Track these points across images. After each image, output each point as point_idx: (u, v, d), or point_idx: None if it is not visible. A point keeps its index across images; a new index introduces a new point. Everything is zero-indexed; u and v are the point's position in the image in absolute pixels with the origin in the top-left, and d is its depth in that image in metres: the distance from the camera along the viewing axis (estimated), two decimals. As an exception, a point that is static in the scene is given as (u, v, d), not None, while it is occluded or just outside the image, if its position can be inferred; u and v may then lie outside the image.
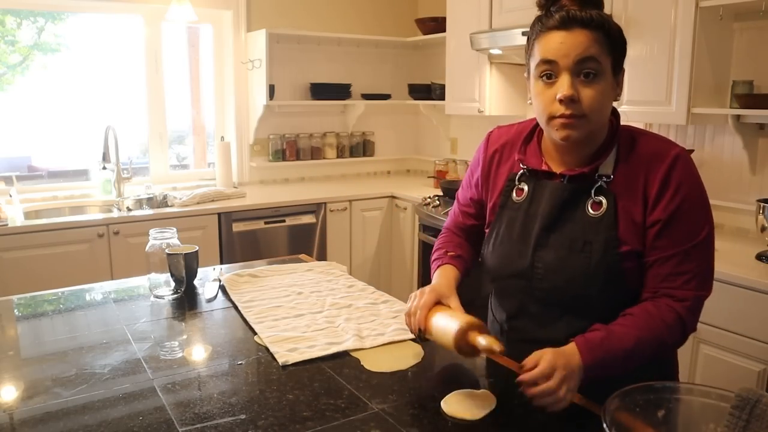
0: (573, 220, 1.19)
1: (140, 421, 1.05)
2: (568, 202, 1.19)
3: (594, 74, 1.11)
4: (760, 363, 1.99)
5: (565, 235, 1.19)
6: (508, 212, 1.27)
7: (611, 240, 1.15)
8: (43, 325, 1.54)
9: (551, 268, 1.19)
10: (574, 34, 1.11)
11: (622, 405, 0.92)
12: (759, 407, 0.85)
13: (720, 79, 2.50)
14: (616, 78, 1.16)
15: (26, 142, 3.68)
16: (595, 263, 1.15)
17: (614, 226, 1.15)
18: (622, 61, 1.16)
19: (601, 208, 1.16)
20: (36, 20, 3.65)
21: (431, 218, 3.32)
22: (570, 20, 1.11)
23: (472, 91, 3.53)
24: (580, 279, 1.16)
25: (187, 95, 4.05)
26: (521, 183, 1.27)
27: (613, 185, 1.17)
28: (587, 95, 1.11)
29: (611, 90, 1.15)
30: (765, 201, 2.28)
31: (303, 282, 1.80)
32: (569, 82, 1.11)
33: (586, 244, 1.16)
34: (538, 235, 1.21)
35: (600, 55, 1.11)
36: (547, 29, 1.14)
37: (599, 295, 1.16)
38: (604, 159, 1.18)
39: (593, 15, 1.11)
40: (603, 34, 1.12)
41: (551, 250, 1.19)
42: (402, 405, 1.11)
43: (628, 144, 1.19)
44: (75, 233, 2.92)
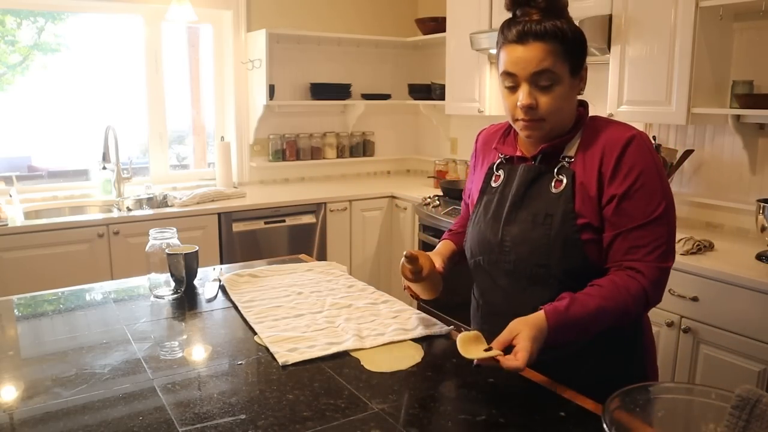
0: (538, 197, 1.30)
1: (140, 421, 1.05)
2: (534, 181, 1.31)
3: (550, 84, 1.23)
4: (760, 363, 1.99)
5: (531, 210, 1.30)
6: (487, 196, 1.40)
7: (568, 212, 1.25)
8: (43, 325, 1.54)
9: (517, 240, 1.30)
10: (529, 49, 1.22)
11: (622, 405, 0.92)
12: (759, 407, 0.85)
13: (720, 79, 2.50)
14: (577, 76, 1.27)
15: (26, 142, 3.68)
16: (554, 234, 1.25)
17: (571, 199, 1.25)
18: (581, 61, 1.26)
19: (561, 185, 1.27)
20: (36, 20, 3.65)
21: (431, 218, 3.32)
22: (526, 34, 1.22)
23: (472, 91, 3.53)
24: (542, 249, 1.27)
25: (187, 95, 4.05)
26: (499, 170, 1.40)
27: (574, 164, 1.28)
28: (544, 102, 1.24)
29: (570, 90, 1.26)
30: (765, 201, 2.28)
31: (303, 282, 1.80)
32: (527, 92, 1.24)
33: (547, 216, 1.27)
34: (507, 211, 1.33)
35: (555, 65, 1.21)
36: (507, 42, 1.25)
37: (559, 263, 1.25)
38: (567, 140, 1.30)
39: (547, 27, 1.21)
40: (558, 43, 1.21)
41: (518, 224, 1.31)
42: (402, 405, 1.11)
43: (592, 130, 1.30)
44: (75, 233, 2.92)
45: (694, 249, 2.26)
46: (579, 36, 1.25)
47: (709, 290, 2.11)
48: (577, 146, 1.29)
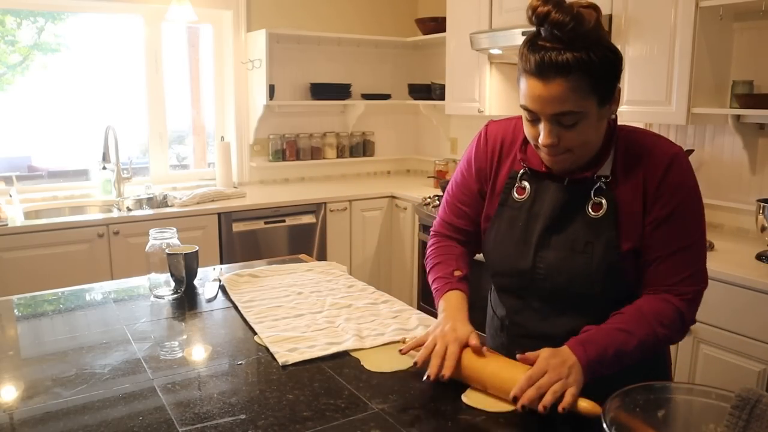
0: (574, 221, 1.20)
1: (140, 421, 1.05)
2: (569, 203, 1.21)
3: (574, 122, 1.10)
4: (760, 363, 1.99)
5: (567, 236, 1.20)
6: (509, 210, 1.27)
7: (611, 240, 1.16)
8: (43, 325, 1.54)
9: (553, 269, 1.20)
10: (550, 87, 1.07)
11: (622, 405, 0.92)
12: (759, 407, 0.85)
13: (720, 79, 2.50)
14: (606, 105, 1.13)
15: (26, 142, 3.68)
16: (596, 263, 1.17)
17: (614, 225, 1.16)
18: (612, 88, 1.12)
19: (601, 209, 1.18)
20: (36, 20, 3.65)
21: (431, 218, 3.32)
22: (546, 68, 1.06)
23: (472, 91, 3.53)
24: (582, 279, 1.18)
25: (187, 95, 4.05)
26: (522, 182, 1.27)
27: (612, 185, 1.18)
28: (568, 138, 1.12)
29: (599, 121, 1.13)
30: (765, 201, 2.28)
31: (303, 282, 1.80)
32: (548, 131, 1.12)
33: (588, 244, 1.17)
34: (540, 235, 1.22)
35: (578, 102, 1.08)
36: (526, 72, 1.11)
37: (601, 293, 1.18)
38: (603, 164, 1.19)
39: (569, 60, 1.05)
40: (582, 75, 1.06)
41: (553, 250, 1.21)
42: (402, 405, 1.11)
43: (627, 145, 1.19)
44: (75, 233, 2.92)
45: (694, 249, 2.25)
46: (610, 61, 1.09)
47: (709, 290, 2.09)
48: (612, 164, 1.19)
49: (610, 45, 1.10)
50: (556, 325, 1.23)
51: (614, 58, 1.10)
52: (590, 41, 1.07)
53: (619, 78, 1.13)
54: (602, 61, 1.07)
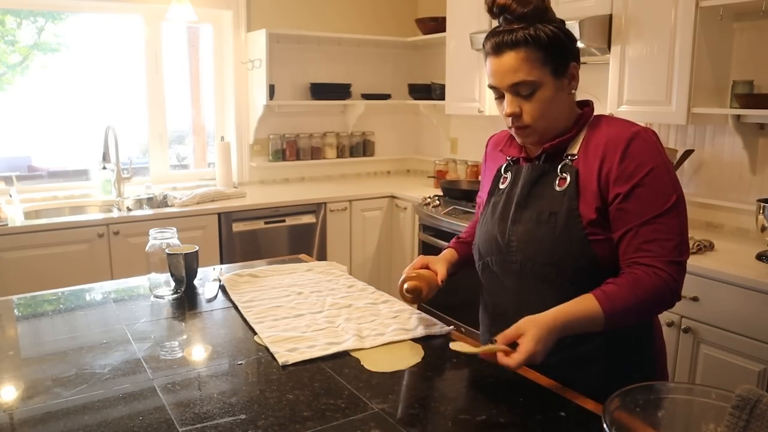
0: (543, 196, 1.30)
1: (140, 421, 1.05)
2: (539, 179, 1.31)
3: (531, 91, 1.23)
4: (760, 363, 1.99)
5: (536, 209, 1.30)
6: (494, 198, 1.40)
7: (572, 209, 1.24)
8: (43, 325, 1.54)
9: (522, 240, 1.30)
10: (503, 60, 1.23)
11: (622, 405, 0.92)
12: (759, 407, 0.85)
13: (720, 79, 2.50)
14: (563, 77, 1.25)
15: (26, 142, 3.68)
16: (559, 231, 1.25)
17: (575, 197, 1.25)
18: (565, 61, 1.25)
19: (565, 183, 1.27)
20: (36, 20, 3.65)
21: (431, 218, 3.32)
22: (500, 45, 1.23)
23: (472, 91, 3.53)
24: (548, 247, 1.26)
25: (187, 95, 4.05)
26: (506, 173, 1.40)
27: (576, 162, 1.27)
28: (527, 109, 1.25)
29: (557, 92, 1.25)
30: (765, 201, 2.28)
31: (303, 282, 1.80)
32: (509, 100, 1.26)
33: (552, 215, 1.27)
34: (513, 211, 1.33)
35: (531, 72, 1.22)
36: (486, 54, 1.27)
37: (566, 262, 1.24)
38: (569, 138, 1.29)
39: (519, 36, 1.21)
40: (534, 49, 1.21)
41: (523, 223, 1.31)
42: (402, 405, 1.11)
43: (596, 128, 1.29)
44: (75, 233, 2.92)
45: (695, 249, 2.26)
46: (558, 37, 1.23)
47: (709, 290, 2.11)
48: (580, 144, 1.29)
49: (560, 26, 1.25)
50: (528, 302, 1.28)
51: (563, 36, 1.24)
52: (537, 19, 1.23)
53: (572, 55, 1.27)
54: (550, 37, 1.22)
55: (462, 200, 3.27)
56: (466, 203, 3.22)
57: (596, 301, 1.15)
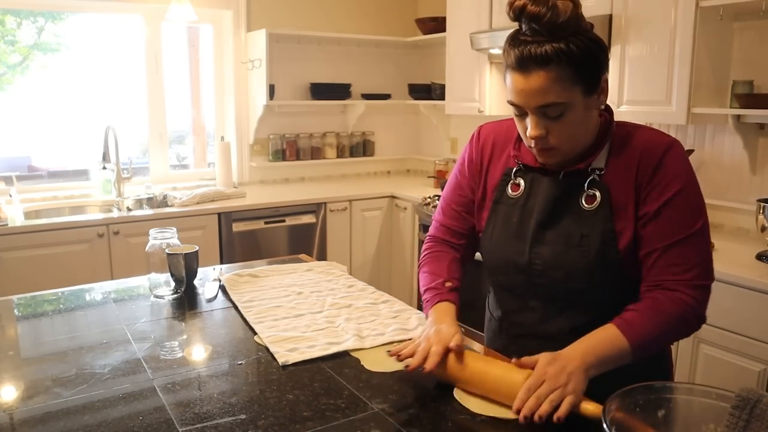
0: (568, 215, 1.18)
1: (140, 421, 1.05)
2: (563, 197, 1.20)
3: (560, 113, 1.10)
4: (760, 363, 1.99)
5: (562, 230, 1.19)
6: (504, 207, 1.27)
7: (607, 232, 1.14)
8: (43, 325, 1.54)
9: (549, 264, 1.19)
10: (530, 79, 1.08)
11: (622, 405, 0.92)
12: (759, 407, 0.85)
13: (720, 79, 2.50)
14: (593, 94, 1.13)
15: (26, 142, 3.68)
16: (593, 256, 1.15)
17: (609, 217, 1.15)
18: (597, 77, 1.12)
19: (595, 201, 1.16)
20: (36, 20, 3.65)
21: (431, 218, 3.32)
22: (525, 61, 1.08)
23: (472, 90, 3.53)
24: (579, 273, 1.16)
25: (187, 95, 4.05)
26: (517, 178, 1.27)
27: (605, 177, 1.17)
28: (555, 131, 1.12)
29: (586, 111, 1.13)
30: (765, 201, 2.28)
31: (303, 282, 1.80)
32: (535, 123, 1.12)
33: (583, 237, 1.16)
34: (534, 231, 1.21)
35: (561, 93, 1.08)
36: (508, 67, 1.13)
37: (599, 287, 1.17)
38: (596, 156, 1.18)
39: (549, 52, 1.06)
40: (563, 66, 1.07)
41: (548, 245, 1.19)
42: (402, 405, 1.11)
43: (622, 138, 1.19)
44: (75, 233, 2.92)
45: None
46: (591, 51, 1.09)
47: (709, 290, 2.10)
48: (606, 156, 1.18)
49: (591, 35, 1.11)
50: (555, 324, 1.22)
51: (595, 48, 1.10)
52: (569, 32, 1.07)
53: (604, 68, 1.13)
54: (583, 51, 1.08)
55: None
56: (466, 203, 3.22)
57: (620, 333, 1.08)
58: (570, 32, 1.08)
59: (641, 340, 1.07)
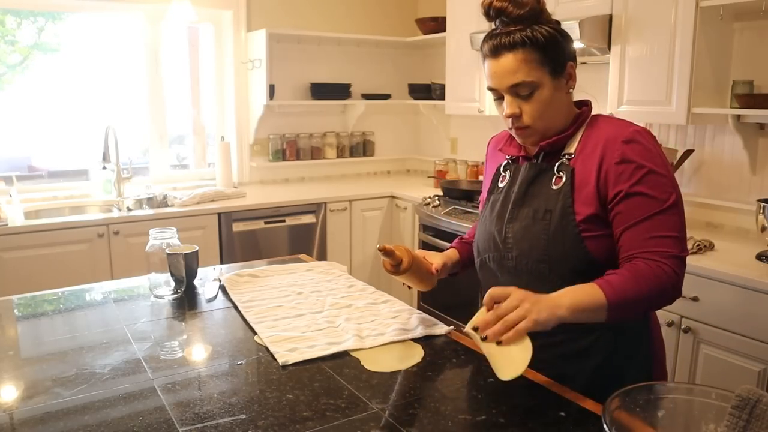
0: (539, 194, 1.31)
1: (140, 421, 1.05)
2: (536, 179, 1.33)
3: (530, 92, 1.25)
4: (760, 363, 1.99)
5: (532, 206, 1.31)
6: (493, 197, 1.42)
7: (566, 207, 1.26)
8: (43, 325, 1.54)
9: (518, 237, 1.32)
10: (501, 62, 1.25)
11: (622, 405, 0.92)
12: (759, 407, 0.85)
13: (720, 79, 2.50)
14: (561, 76, 1.27)
15: (26, 142, 3.68)
16: (553, 228, 1.26)
17: (569, 195, 1.26)
18: (562, 61, 1.27)
19: (561, 181, 1.28)
20: (36, 20, 3.65)
21: (431, 218, 3.32)
22: (496, 48, 1.25)
23: (472, 91, 3.53)
24: (542, 244, 1.27)
25: (187, 95, 4.05)
26: (505, 171, 1.42)
27: (574, 161, 1.29)
28: (527, 110, 1.27)
29: (555, 91, 1.27)
30: (765, 201, 2.28)
31: (303, 282, 1.80)
32: (509, 102, 1.28)
33: (547, 212, 1.28)
34: (510, 209, 1.35)
35: (530, 73, 1.23)
36: (484, 56, 1.29)
37: (560, 259, 1.25)
38: (567, 136, 1.30)
39: (515, 38, 1.23)
40: (531, 50, 1.23)
41: (519, 221, 1.32)
42: (402, 405, 1.11)
43: (593, 127, 1.31)
44: (75, 233, 2.92)
45: (695, 249, 2.26)
46: (555, 37, 1.25)
47: (709, 290, 2.11)
48: (578, 143, 1.30)
49: (554, 25, 1.27)
50: None
51: (558, 35, 1.26)
52: (533, 21, 1.24)
53: (568, 54, 1.28)
54: (546, 37, 1.24)
55: (462, 200, 3.27)
56: (466, 203, 3.22)
57: (599, 289, 1.14)
58: (534, 22, 1.24)
59: (618, 299, 1.13)
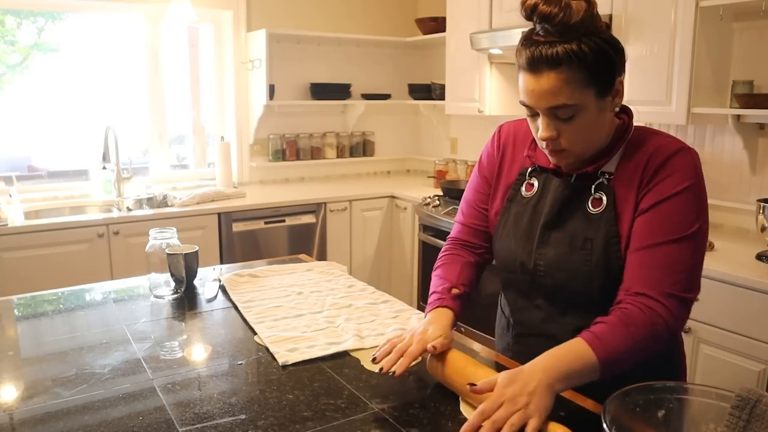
0: (574, 217, 1.18)
1: (140, 421, 1.05)
2: (570, 199, 1.19)
3: (571, 115, 1.09)
4: (760, 363, 1.99)
5: (567, 232, 1.18)
6: (516, 206, 1.27)
7: (611, 236, 1.13)
8: (43, 325, 1.54)
9: (553, 266, 1.19)
10: (541, 81, 1.07)
11: (622, 405, 0.92)
12: (759, 407, 0.85)
13: (720, 79, 2.50)
14: (606, 96, 1.11)
15: (26, 142, 3.68)
16: (595, 260, 1.14)
17: (613, 221, 1.13)
18: (611, 80, 1.10)
19: (601, 205, 1.15)
20: (36, 20, 3.65)
21: (431, 218, 3.32)
22: (536, 62, 1.06)
23: (472, 91, 3.53)
24: (582, 276, 1.15)
25: (187, 95, 4.05)
26: (531, 178, 1.26)
27: (614, 181, 1.15)
28: (566, 132, 1.11)
29: (599, 114, 1.11)
30: (765, 201, 2.28)
31: (303, 282, 1.80)
32: (545, 124, 1.11)
33: (587, 241, 1.15)
34: (540, 231, 1.21)
35: (573, 95, 1.06)
36: (520, 68, 1.11)
37: (602, 290, 1.15)
38: (608, 159, 1.16)
39: (560, 53, 1.04)
40: (575, 68, 1.05)
41: (552, 247, 1.19)
42: (402, 405, 1.11)
43: (636, 142, 1.16)
44: (75, 233, 2.92)
45: (694, 249, 2.25)
46: (605, 52, 1.07)
47: (709, 290, 2.10)
48: (618, 160, 1.16)
49: (606, 36, 1.09)
50: (559, 324, 1.21)
51: (609, 49, 1.08)
52: (582, 32, 1.05)
53: (618, 69, 1.11)
54: (595, 52, 1.06)
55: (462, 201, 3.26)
56: (466, 203, 3.21)
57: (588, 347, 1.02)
58: (583, 33, 1.06)
59: (609, 356, 1.02)
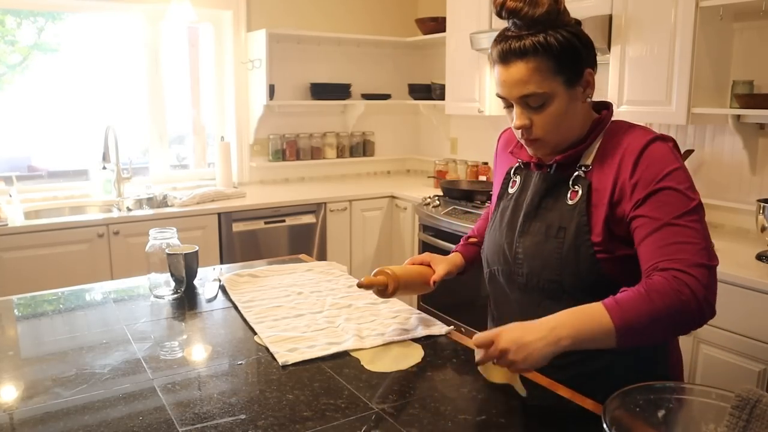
0: (553, 208, 1.23)
1: (140, 421, 1.05)
2: (549, 191, 1.25)
3: (541, 103, 1.16)
4: (760, 363, 1.99)
5: (545, 222, 1.24)
6: (503, 203, 1.35)
7: (582, 225, 1.18)
8: (43, 325, 1.54)
9: (529, 253, 1.24)
10: (511, 70, 1.15)
11: (622, 405, 0.92)
12: (759, 407, 0.85)
13: (720, 79, 2.50)
14: (577, 86, 1.17)
15: (26, 142, 3.68)
16: (567, 248, 1.18)
17: (585, 212, 1.18)
18: (579, 69, 1.16)
19: (577, 196, 1.20)
20: (36, 20, 3.65)
21: (431, 218, 3.32)
22: (506, 54, 1.15)
23: (472, 91, 3.53)
24: (555, 263, 1.20)
25: (187, 95, 4.05)
26: (516, 175, 1.34)
27: (590, 174, 1.20)
28: (538, 121, 1.18)
29: (570, 102, 1.17)
30: (765, 201, 2.28)
31: (303, 282, 1.80)
32: (518, 113, 1.19)
33: (560, 230, 1.20)
34: (521, 222, 1.27)
35: (542, 84, 1.14)
36: (493, 62, 1.19)
37: (573, 279, 1.18)
38: (583, 148, 1.21)
39: (527, 44, 1.13)
40: (544, 58, 1.13)
41: (530, 236, 1.25)
42: (402, 405, 1.11)
43: (613, 135, 1.20)
44: (75, 233, 2.92)
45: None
46: (572, 43, 1.14)
47: (709, 290, 2.10)
48: (594, 154, 1.20)
49: (574, 29, 1.16)
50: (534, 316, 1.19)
51: (577, 41, 1.15)
52: (549, 26, 1.14)
53: (587, 61, 1.18)
54: (562, 43, 1.13)
55: (462, 200, 3.26)
56: (466, 203, 3.22)
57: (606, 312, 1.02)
58: (550, 26, 1.14)
59: (627, 322, 1.01)
